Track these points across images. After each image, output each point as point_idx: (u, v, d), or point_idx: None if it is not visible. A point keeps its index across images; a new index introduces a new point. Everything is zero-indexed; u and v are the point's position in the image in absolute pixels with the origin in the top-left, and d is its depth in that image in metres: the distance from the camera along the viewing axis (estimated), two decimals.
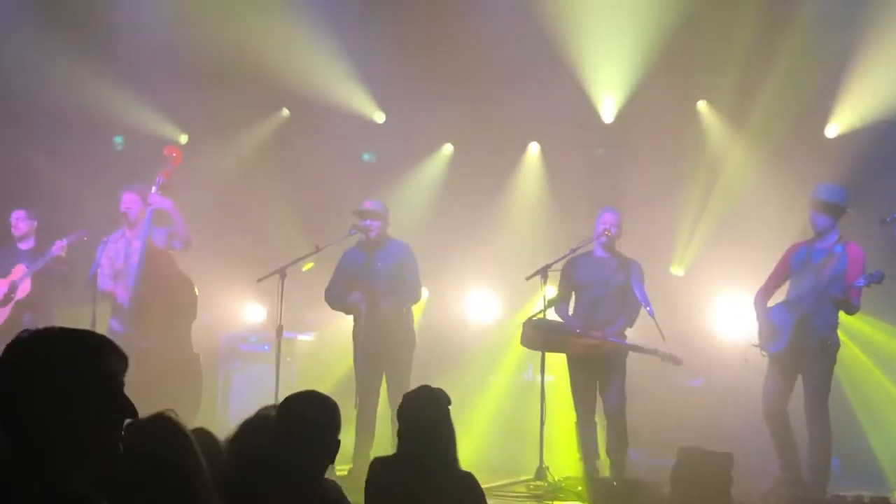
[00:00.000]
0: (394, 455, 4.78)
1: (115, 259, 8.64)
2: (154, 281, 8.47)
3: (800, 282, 7.77)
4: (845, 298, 7.46)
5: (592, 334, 8.00)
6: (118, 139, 11.26)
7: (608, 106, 10.48)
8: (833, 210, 7.69)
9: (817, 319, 7.62)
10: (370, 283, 8.34)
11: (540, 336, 8.12)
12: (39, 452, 2.25)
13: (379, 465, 4.73)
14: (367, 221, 8.40)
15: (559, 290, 8.40)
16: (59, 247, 8.80)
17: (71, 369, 2.29)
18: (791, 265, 7.87)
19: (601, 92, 10.36)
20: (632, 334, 8.26)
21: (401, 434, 4.71)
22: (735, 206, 10.21)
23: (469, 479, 4.69)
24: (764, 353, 7.81)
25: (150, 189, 8.55)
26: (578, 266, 8.27)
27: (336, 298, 8.51)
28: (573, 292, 8.33)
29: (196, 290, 8.68)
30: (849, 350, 8.86)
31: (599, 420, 8.23)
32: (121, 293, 8.54)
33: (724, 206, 10.25)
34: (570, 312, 8.31)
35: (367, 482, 4.66)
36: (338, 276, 8.57)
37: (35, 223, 9.30)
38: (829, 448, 7.55)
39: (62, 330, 2.37)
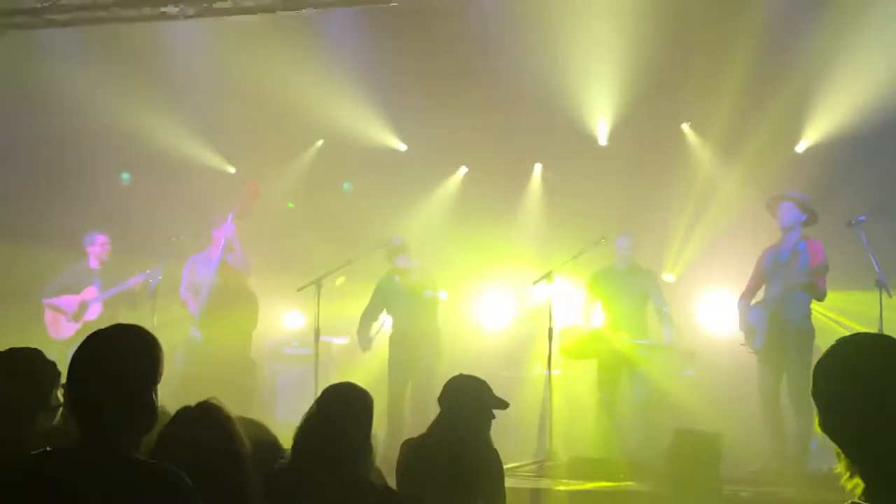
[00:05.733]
0: (422, 436, 4.81)
1: (196, 275, 9.30)
2: (224, 295, 9.10)
3: (773, 281, 8.18)
4: (811, 282, 7.84)
5: (618, 338, 8.73)
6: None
7: (603, 130, 11.02)
8: (802, 206, 8.06)
9: (789, 313, 7.98)
10: (402, 304, 9.19)
11: (575, 346, 8.74)
12: (110, 433, 2.62)
13: (410, 447, 4.81)
14: (401, 257, 9.17)
15: (585, 303, 9.10)
16: (135, 282, 9.35)
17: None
18: (764, 267, 8.27)
19: (596, 117, 10.89)
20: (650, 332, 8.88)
21: (441, 415, 4.76)
22: (718, 216, 10.43)
23: (493, 454, 4.80)
24: (750, 350, 8.23)
25: (227, 217, 9.20)
26: (602, 279, 9.05)
27: (365, 324, 9.33)
28: (598, 302, 9.02)
29: (258, 304, 9.27)
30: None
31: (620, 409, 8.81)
32: (192, 305, 9.20)
33: (709, 217, 10.50)
34: (596, 322, 8.95)
35: (399, 464, 4.72)
36: (373, 302, 9.39)
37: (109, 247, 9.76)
38: (811, 431, 7.64)
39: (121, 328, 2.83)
